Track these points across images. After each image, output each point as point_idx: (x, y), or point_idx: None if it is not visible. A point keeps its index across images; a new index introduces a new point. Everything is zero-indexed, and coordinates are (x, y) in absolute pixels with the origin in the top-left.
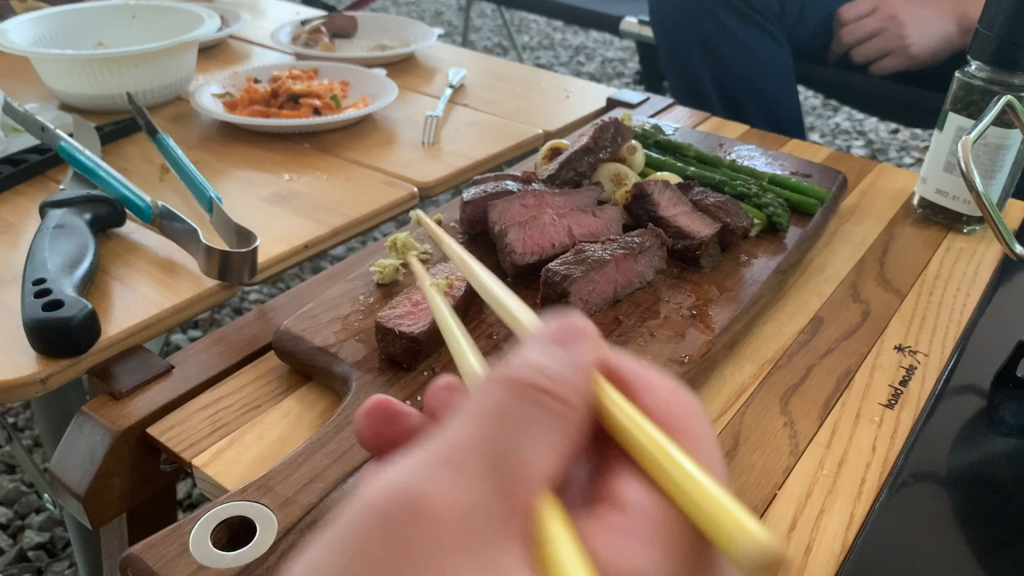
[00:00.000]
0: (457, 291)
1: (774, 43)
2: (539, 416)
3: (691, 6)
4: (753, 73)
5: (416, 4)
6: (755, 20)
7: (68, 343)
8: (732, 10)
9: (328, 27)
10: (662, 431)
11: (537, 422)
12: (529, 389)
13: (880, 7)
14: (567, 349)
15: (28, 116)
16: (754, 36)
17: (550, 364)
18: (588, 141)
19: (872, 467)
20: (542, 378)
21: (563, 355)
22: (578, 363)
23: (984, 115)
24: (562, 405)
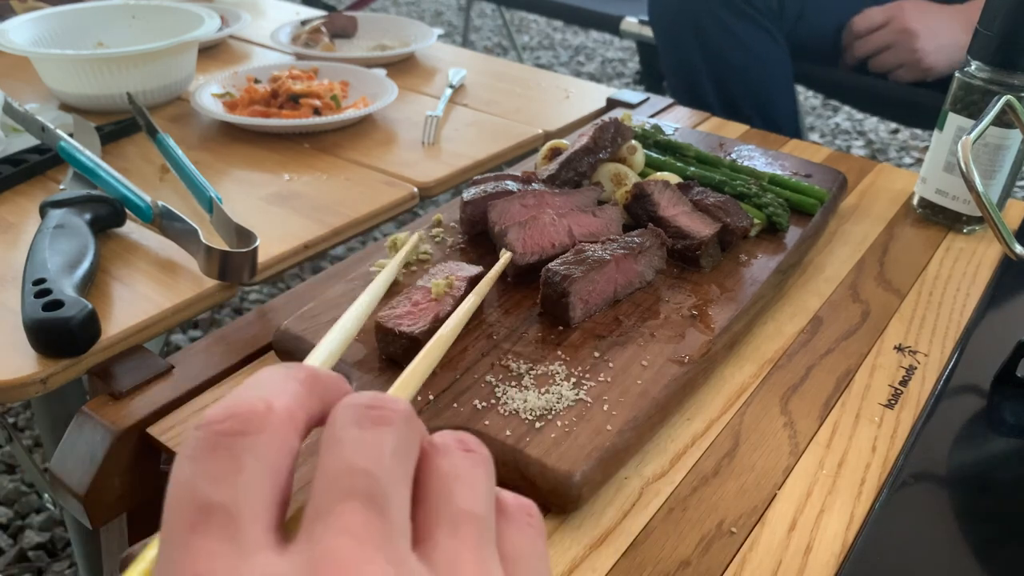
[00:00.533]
0: (457, 291)
1: (773, 42)
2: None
3: (690, 3)
4: (751, 71)
5: (416, 4)
6: (754, 18)
7: (68, 343)
8: (731, 8)
9: (328, 27)
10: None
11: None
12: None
13: (893, 19)
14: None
15: (28, 116)
16: (752, 34)
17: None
18: (588, 141)
19: (872, 467)
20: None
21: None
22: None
23: (984, 115)
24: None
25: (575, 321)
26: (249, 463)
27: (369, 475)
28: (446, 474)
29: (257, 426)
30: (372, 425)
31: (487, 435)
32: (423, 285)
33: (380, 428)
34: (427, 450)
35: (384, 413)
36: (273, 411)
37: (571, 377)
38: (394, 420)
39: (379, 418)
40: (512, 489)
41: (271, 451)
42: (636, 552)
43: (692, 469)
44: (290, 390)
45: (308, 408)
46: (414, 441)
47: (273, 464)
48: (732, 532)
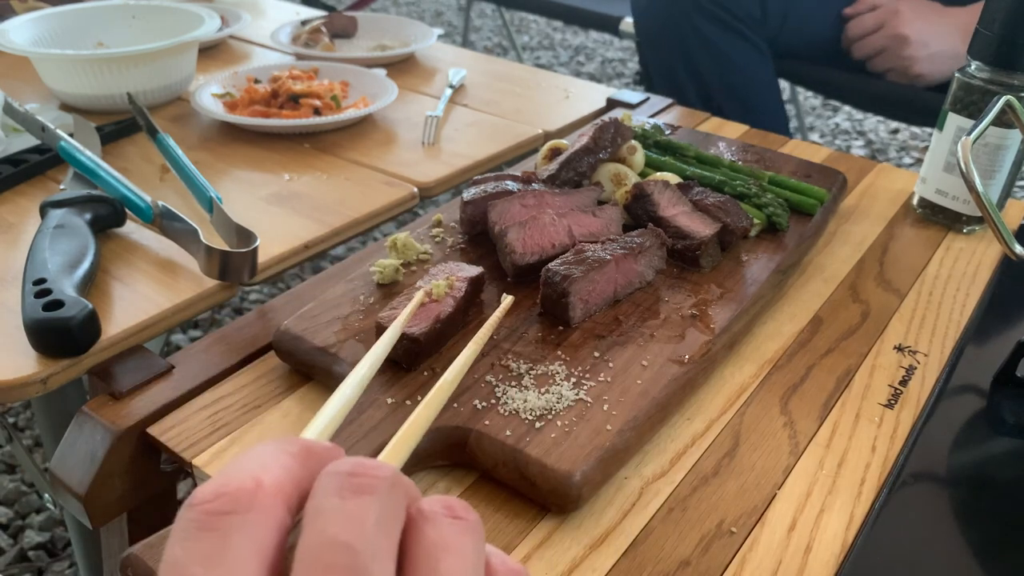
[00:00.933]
0: (457, 292)
1: (755, 51)
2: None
3: (672, 15)
4: (734, 80)
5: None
6: (735, 28)
7: (68, 343)
8: (712, 18)
9: (328, 27)
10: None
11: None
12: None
13: (886, 23)
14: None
15: (28, 116)
16: (734, 44)
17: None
18: (588, 141)
19: (872, 467)
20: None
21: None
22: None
23: (984, 115)
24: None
25: (575, 321)
26: (237, 543)
27: (350, 549)
28: (433, 544)
29: (245, 504)
30: (354, 495)
31: (487, 435)
32: (423, 285)
33: (362, 497)
34: (415, 517)
35: (367, 481)
36: (262, 488)
37: (571, 377)
38: (378, 488)
39: (361, 487)
40: (512, 489)
41: (260, 529)
42: (636, 552)
43: (692, 469)
44: (281, 464)
45: (300, 482)
46: (399, 509)
47: (262, 542)
48: (732, 532)
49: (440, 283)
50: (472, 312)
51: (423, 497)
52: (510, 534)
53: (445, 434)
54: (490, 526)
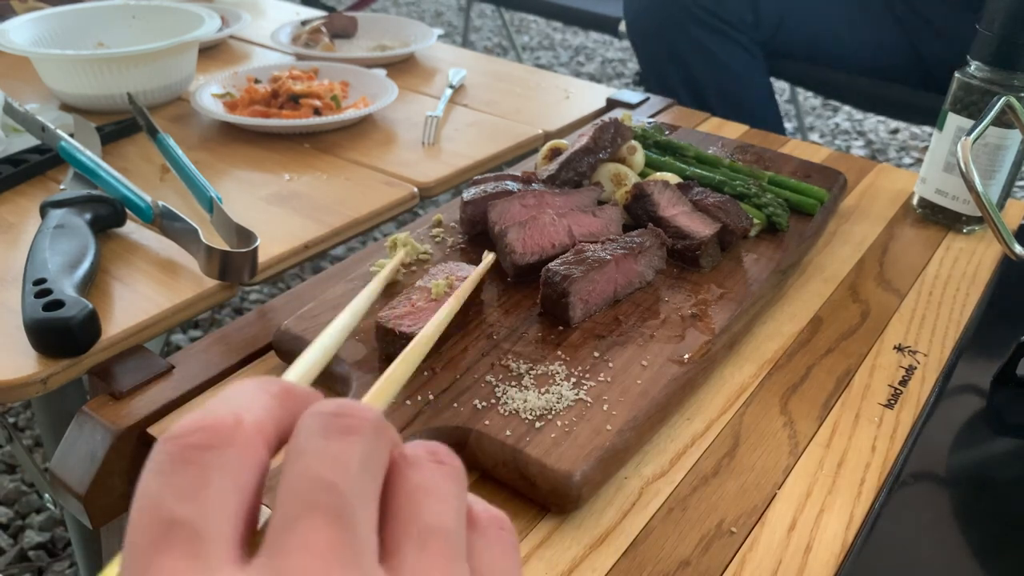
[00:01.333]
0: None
1: (747, 55)
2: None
3: (663, 20)
4: (726, 84)
5: (416, 4)
6: (726, 32)
7: (68, 343)
8: (703, 23)
9: (328, 27)
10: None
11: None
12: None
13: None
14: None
15: (28, 116)
16: (726, 48)
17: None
18: (588, 141)
19: (872, 467)
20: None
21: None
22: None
23: (984, 115)
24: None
25: (575, 321)
26: (216, 478)
27: (334, 489)
28: (416, 487)
29: (225, 439)
30: (339, 435)
31: (487, 435)
32: (423, 285)
33: (347, 438)
34: (397, 461)
35: (352, 422)
36: (242, 424)
37: (571, 377)
38: (362, 429)
39: (346, 427)
40: (512, 489)
41: (239, 465)
42: (636, 552)
43: (692, 469)
44: (261, 403)
45: (280, 422)
46: (383, 452)
47: (241, 479)
48: (732, 532)
49: (440, 282)
50: (472, 312)
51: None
52: None
53: (445, 434)
54: None
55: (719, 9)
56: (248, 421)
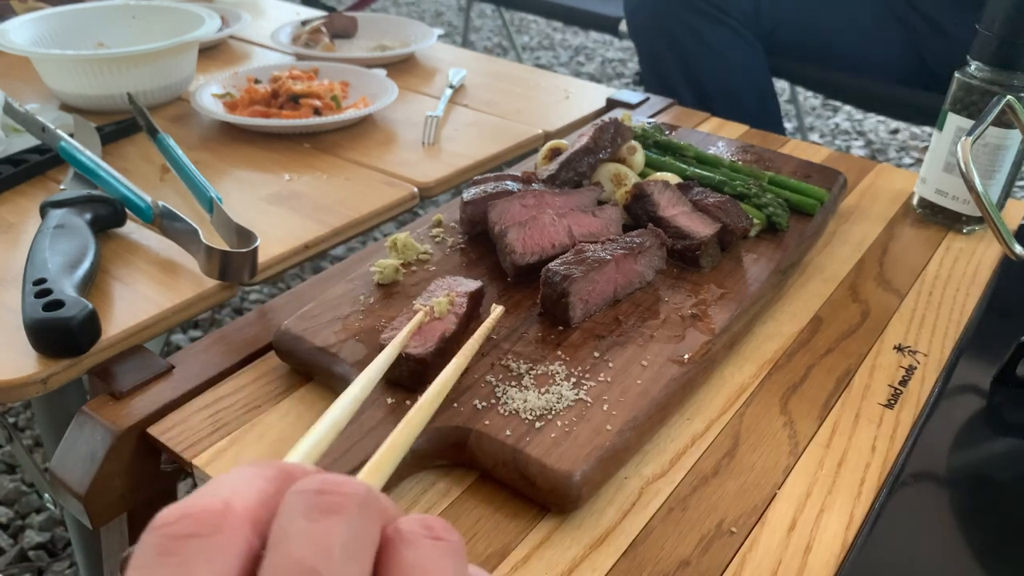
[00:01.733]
0: (459, 308)
1: (747, 47)
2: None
3: (662, 12)
4: (725, 77)
5: (416, 4)
6: (726, 23)
7: (68, 343)
8: (702, 15)
9: (328, 27)
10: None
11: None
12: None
13: None
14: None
15: (29, 116)
16: (725, 40)
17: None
18: (588, 141)
19: (872, 467)
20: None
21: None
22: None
23: (984, 115)
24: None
25: (575, 321)
26: (199, 569)
27: (308, 570)
28: (410, 566)
29: (211, 527)
30: (321, 515)
31: (487, 435)
32: (423, 304)
33: (330, 518)
34: (391, 538)
35: (335, 499)
36: (231, 510)
37: (571, 377)
38: (347, 507)
39: (329, 506)
40: (512, 489)
41: (225, 554)
42: (636, 552)
43: (692, 469)
44: (256, 488)
45: (275, 506)
46: (371, 530)
47: (227, 567)
48: (732, 532)
49: (441, 300)
50: (472, 326)
51: (403, 516)
52: (510, 534)
53: (445, 434)
54: (490, 526)
55: (719, 1)
56: (237, 506)
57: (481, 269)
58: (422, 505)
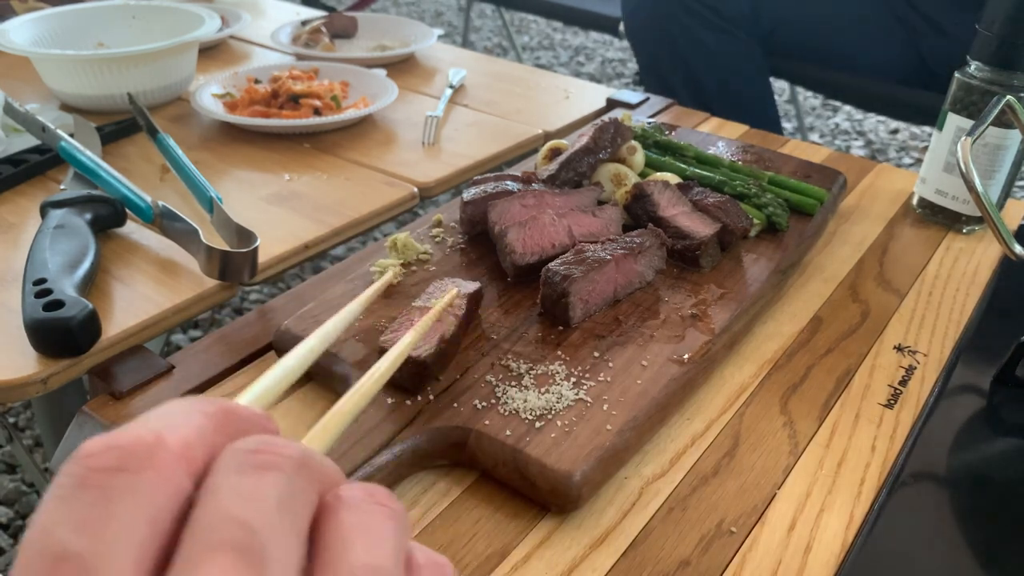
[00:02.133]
0: (458, 309)
1: (745, 50)
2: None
3: (661, 16)
4: (723, 80)
5: (416, 5)
6: (724, 27)
7: (69, 343)
8: (700, 18)
9: (328, 27)
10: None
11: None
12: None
13: None
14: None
15: (29, 116)
16: (723, 43)
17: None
18: (588, 141)
19: (872, 467)
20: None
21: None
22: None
23: (984, 115)
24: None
25: (575, 321)
26: (121, 507)
27: (245, 526)
28: (349, 528)
29: (139, 462)
30: (255, 471)
31: (487, 435)
32: (423, 305)
33: (264, 474)
34: (331, 503)
35: (271, 458)
36: (164, 446)
37: (571, 377)
38: (282, 466)
39: (265, 463)
40: (512, 489)
41: (152, 493)
42: (636, 552)
43: (692, 469)
44: (194, 423)
45: (213, 448)
46: (307, 491)
47: (153, 508)
48: (732, 532)
49: (440, 301)
50: (471, 327)
51: (346, 482)
52: (510, 534)
53: (445, 434)
54: (490, 526)
55: (717, 4)
56: (171, 442)
57: (481, 269)
58: (422, 505)
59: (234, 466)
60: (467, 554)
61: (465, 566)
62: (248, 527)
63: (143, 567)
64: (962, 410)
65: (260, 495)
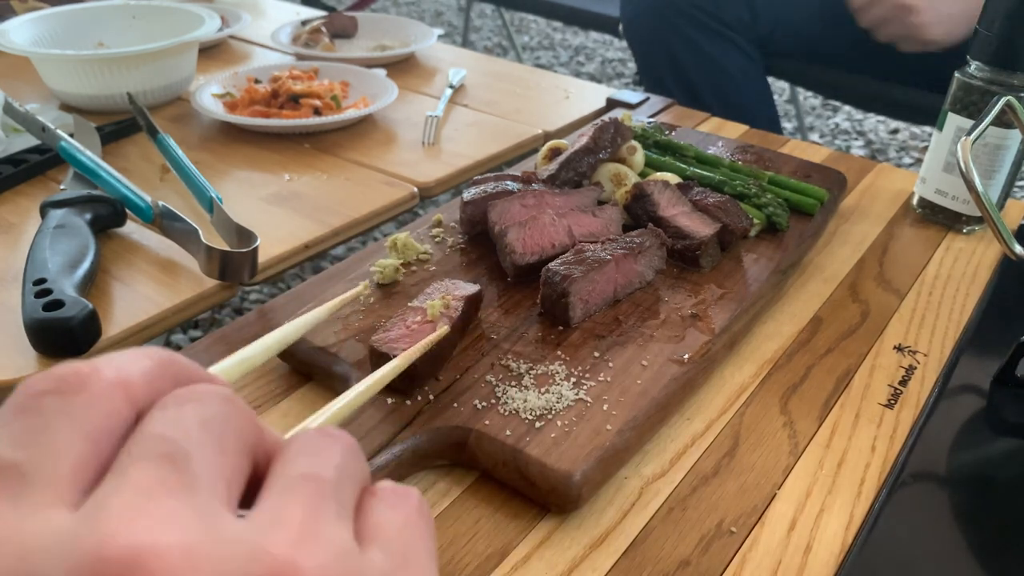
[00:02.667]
0: (454, 312)
1: (744, 57)
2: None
3: (660, 22)
4: (722, 85)
5: (416, 4)
6: (723, 32)
7: (69, 343)
8: (699, 24)
9: (328, 27)
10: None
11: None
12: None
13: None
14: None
15: (29, 116)
16: (722, 50)
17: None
18: (588, 141)
19: (872, 467)
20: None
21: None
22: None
23: (984, 115)
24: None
25: (575, 321)
26: (56, 423)
27: (167, 439)
28: (294, 451)
29: (75, 387)
30: (177, 403)
31: (487, 435)
32: (418, 306)
33: (187, 405)
34: (281, 442)
35: (196, 393)
36: (99, 374)
37: (571, 377)
38: (206, 398)
39: (188, 397)
40: (512, 489)
41: (88, 412)
42: (636, 552)
43: (692, 469)
44: (138, 365)
45: (152, 384)
46: (235, 418)
47: (88, 425)
48: (732, 532)
49: (435, 303)
50: (471, 327)
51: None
52: (510, 534)
53: (445, 434)
54: (490, 526)
55: (716, 10)
56: (107, 373)
57: (481, 269)
58: None
59: (169, 401)
60: (467, 554)
61: (465, 566)
62: (169, 439)
63: (79, 476)
64: (962, 410)
65: (183, 417)
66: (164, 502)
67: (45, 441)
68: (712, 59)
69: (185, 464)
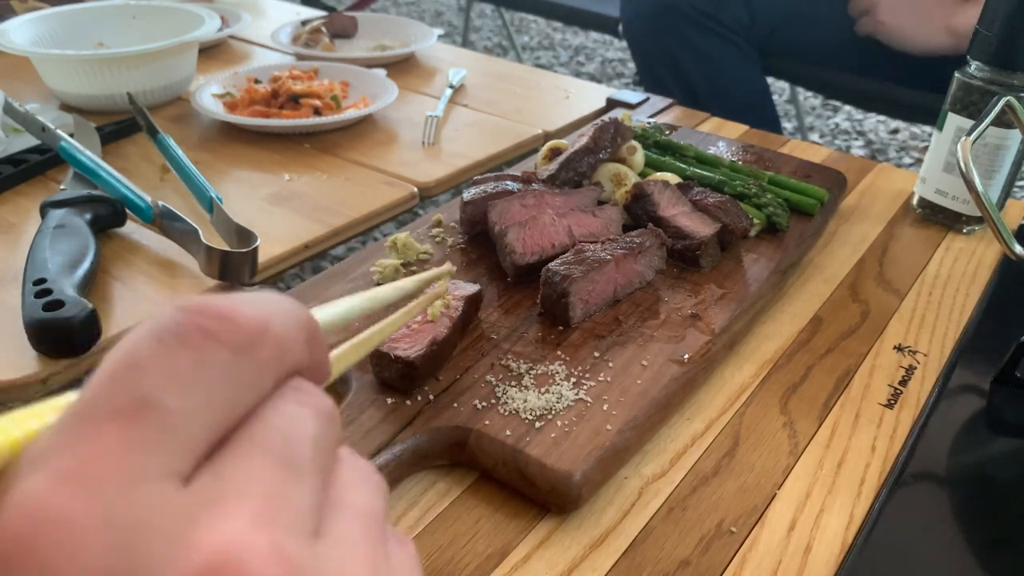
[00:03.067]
0: (454, 312)
1: (743, 58)
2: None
3: (659, 23)
4: (722, 86)
5: (416, 4)
6: (722, 34)
7: (69, 343)
8: (698, 26)
9: (328, 27)
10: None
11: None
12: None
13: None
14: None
15: (29, 116)
16: (722, 51)
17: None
18: (588, 141)
19: (872, 467)
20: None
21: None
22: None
23: (984, 115)
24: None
25: (575, 321)
26: (218, 383)
27: (288, 441)
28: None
29: (245, 345)
30: (298, 402)
31: (487, 435)
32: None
33: (306, 408)
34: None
35: (315, 395)
36: (268, 336)
37: (571, 377)
38: (320, 407)
39: (307, 398)
40: (512, 489)
41: (247, 380)
42: (636, 552)
43: (692, 469)
44: (296, 336)
45: (298, 362)
46: (331, 441)
47: (242, 396)
48: (732, 532)
49: (436, 303)
50: (471, 327)
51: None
52: (510, 534)
53: (445, 434)
54: (490, 526)
55: (716, 12)
56: (272, 338)
57: (481, 269)
58: (422, 505)
59: (292, 397)
60: (467, 554)
61: (465, 566)
62: (290, 444)
63: (203, 447)
64: (962, 410)
65: (302, 423)
66: (281, 517)
67: (198, 400)
68: (712, 59)
69: (298, 477)
